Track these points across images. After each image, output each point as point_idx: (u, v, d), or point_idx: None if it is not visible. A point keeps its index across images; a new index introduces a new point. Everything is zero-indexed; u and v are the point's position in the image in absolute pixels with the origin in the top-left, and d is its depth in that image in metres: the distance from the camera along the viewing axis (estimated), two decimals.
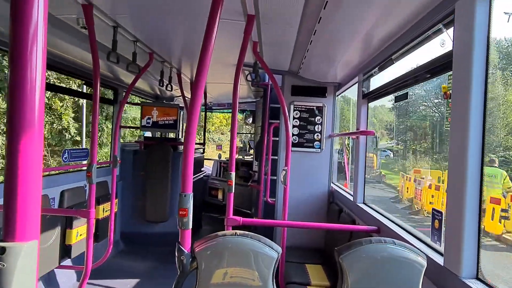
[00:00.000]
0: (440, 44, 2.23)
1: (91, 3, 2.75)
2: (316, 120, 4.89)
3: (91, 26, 2.86)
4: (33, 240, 0.75)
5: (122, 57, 3.24)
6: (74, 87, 13.07)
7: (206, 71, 1.85)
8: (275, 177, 5.34)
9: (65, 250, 4.30)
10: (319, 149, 4.88)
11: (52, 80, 12.21)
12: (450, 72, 2.09)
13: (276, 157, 5.07)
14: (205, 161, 8.61)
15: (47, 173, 5.62)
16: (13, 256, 0.72)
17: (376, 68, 3.46)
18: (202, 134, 8.05)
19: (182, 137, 7.36)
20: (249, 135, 10.16)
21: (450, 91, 2.07)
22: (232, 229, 2.55)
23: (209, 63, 1.85)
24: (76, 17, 3.06)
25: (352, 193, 4.15)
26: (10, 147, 0.74)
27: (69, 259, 4.32)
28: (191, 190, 1.85)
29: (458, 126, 1.92)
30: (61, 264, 4.22)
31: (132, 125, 15.52)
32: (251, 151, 9.04)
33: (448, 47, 2.13)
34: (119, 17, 3.08)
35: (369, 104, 3.97)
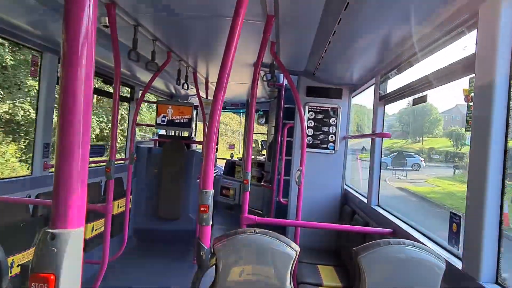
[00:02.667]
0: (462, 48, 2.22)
1: (114, 2, 2.81)
2: (330, 122, 4.89)
3: (113, 24, 2.91)
4: (79, 228, 0.80)
5: (141, 56, 3.30)
6: None
7: (229, 72, 1.88)
8: (288, 178, 5.35)
9: None
10: (333, 151, 4.88)
11: None
12: (472, 75, 2.08)
13: (290, 158, 5.07)
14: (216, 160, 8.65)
15: None
16: (62, 242, 0.77)
17: (394, 70, 3.44)
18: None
19: (195, 135, 7.41)
20: (261, 135, 10.17)
21: (472, 94, 2.06)
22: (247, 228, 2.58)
23: (231, 64, 1.87)
24: (98, 16, 3.13)
25: (366, 195, 4.14)
26: (61, 142, 0.79)
27: (84, 253, 4.40)
28: (212, 187, 1.88)
29: (479, 130, 1.91)
30: None
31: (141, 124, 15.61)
32: (264, 151, 9.06)
33: (470, 49, 2.12)
34: (140, 16, 3.14)
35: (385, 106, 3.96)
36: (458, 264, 2.06)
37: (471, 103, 2.05)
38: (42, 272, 0.76)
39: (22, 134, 12.68)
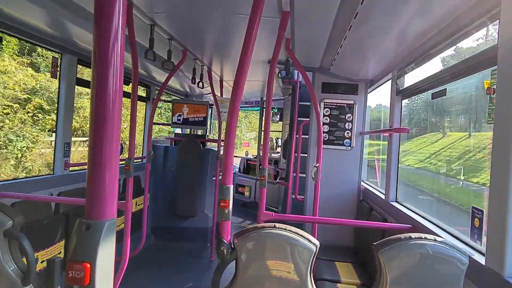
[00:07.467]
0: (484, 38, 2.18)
1: (131, 2, 2.85)
2: (346, 118, 4.85)
3: (131, 25, 2.95)
4: (112, 218, 0.82)
5: (157, 55, 3.34)
6: None
7: (247, 69, 1.88)
8: (304, 175, 5.34)
9: None
10: (349, 147, 4.84)
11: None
12: (494, 67, 2.04)
13: (305, 155, 5.06)
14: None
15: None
16: (97, 231, 0.80)
17: (412, 64, 3.39)
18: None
19: (211, 134, 7.47)
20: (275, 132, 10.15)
21: (494, 87, 2.01)
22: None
23: (249, 62, 1.87)
24: None
25: (383, 191, 4.10)
26: (93, 139, 0.83)
27: None
28: (232, 183, 1.89)
29: (502, 122, 1.87)
30: None
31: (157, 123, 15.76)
32: (278, 149, 9.06)
33: (492, 41, 2.08)
34: (156, 16, 3.17)
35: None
36: (481, 259, 2.02)
37: (494, 96, 2.01)
38: (78, 261, 0.79)
39: None
